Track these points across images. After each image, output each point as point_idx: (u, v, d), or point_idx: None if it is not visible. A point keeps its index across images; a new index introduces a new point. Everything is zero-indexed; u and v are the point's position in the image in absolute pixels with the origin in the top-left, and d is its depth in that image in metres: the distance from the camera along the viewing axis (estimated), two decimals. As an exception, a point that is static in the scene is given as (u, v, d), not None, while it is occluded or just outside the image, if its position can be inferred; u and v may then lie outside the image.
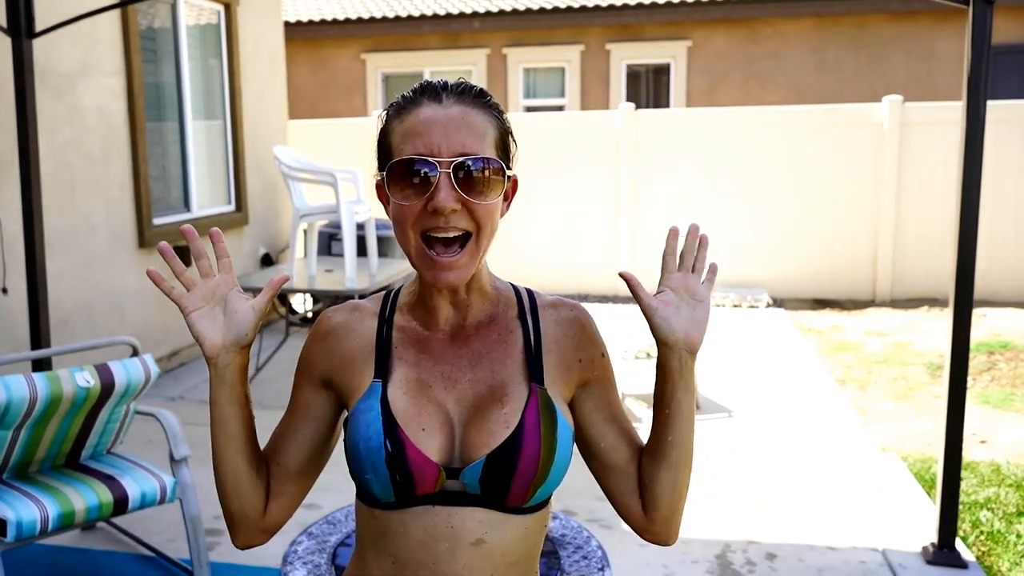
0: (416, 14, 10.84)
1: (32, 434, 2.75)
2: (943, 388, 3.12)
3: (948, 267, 3.13)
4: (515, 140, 1.14)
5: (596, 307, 7.51)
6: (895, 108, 7.48)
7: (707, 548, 3.23)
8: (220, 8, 6.50)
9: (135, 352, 3.14)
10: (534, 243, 8.12)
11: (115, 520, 3.36)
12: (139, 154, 5.45)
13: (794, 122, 7.74)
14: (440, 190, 1.03)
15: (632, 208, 8.00)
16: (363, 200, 5.79)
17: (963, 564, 3.07)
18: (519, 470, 1.05)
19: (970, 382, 4.86)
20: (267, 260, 7.18)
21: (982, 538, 3.41)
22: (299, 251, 6.13)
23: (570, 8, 10.51)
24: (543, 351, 1.14)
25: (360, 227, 5.89)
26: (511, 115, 1.23)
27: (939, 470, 3.11)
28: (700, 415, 4.66)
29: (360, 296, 1.26)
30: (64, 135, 4.88)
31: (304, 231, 6.01)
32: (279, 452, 1.18)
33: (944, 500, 3.11)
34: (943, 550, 3.10)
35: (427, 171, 1.03)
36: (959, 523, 3.33)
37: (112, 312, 5.28)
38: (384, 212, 1.11)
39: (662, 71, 10.87)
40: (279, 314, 6.71)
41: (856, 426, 4.61)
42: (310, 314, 7.11)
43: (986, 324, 6.68)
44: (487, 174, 1.05)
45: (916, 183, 7.56)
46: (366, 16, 10.96)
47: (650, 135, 7.92)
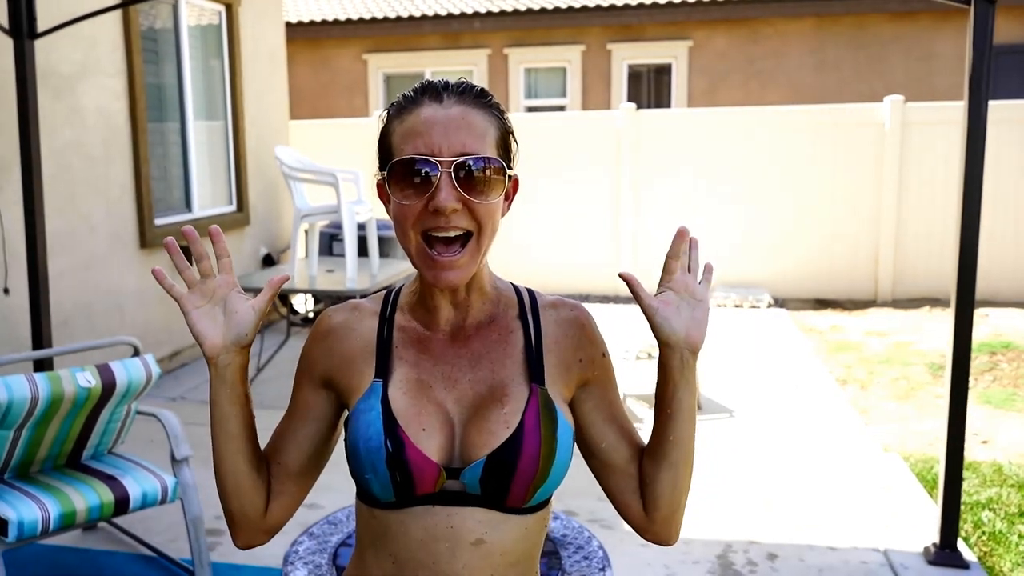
0: (417, 14, 10.84)
1: (33, 434, 2.75)
2: (945, 388, 3.12)
3: (949, 267, 3.13)
4: (516, 139, 1.14)
5: (597, 307, 7.51)
6: (896, 108, 7.47)
7: (708, 548, 3.23)
8: (221, 8, 6.50)
9: (136, 352, 3.14)
10: (535, 243, 8.12)
11: (116, 520, 3.36)
12: (140, 155, 5.46)
13: (795, 122, 7.74)
14: (441, 190, 1.03)
15: (633, 208, 7.99)
16: (364, 200, 5.79)
17: (965, 565, 3.06)
18: (519, 470, 1.05)
19: (972, 382, 4.85)
20: (268, 260, 7.18)
21: (984, 539, 3.40)
22: (300, 251, 6.13)
23: (571, 8, 10.51)
24: (543, 351, 1.14)
25: (361, 227, 5.89)
26: (512, 115, 1.22)
27: (941, 470, 3.11)
28: (701, 415, 4.66)
29: (361, 296, 1.26)
30: (65, 136, 4.88)
31: (305, 231, 6.02)
32: (279, 452, 1.18)
33: (946, 500, 3.10)
34: (945, 550, 3.10)
35: (428, 171, 1.03)
36: (961, 523, 3.32)
37: (113, 312, 5.29)
38: (385, 212, 1.11)
39: (663, 71, 10.87)
40: (280, 314, 6.71)
41: (857, 426, 4.61)
42: (311, 314, 7.11)
43: (988, 324, 6.67)
44: (488, 174, 1.05)
45: (917, 183, 7.56)
46: (367, 16, 10.96)
47: (651, 135, 7.92)
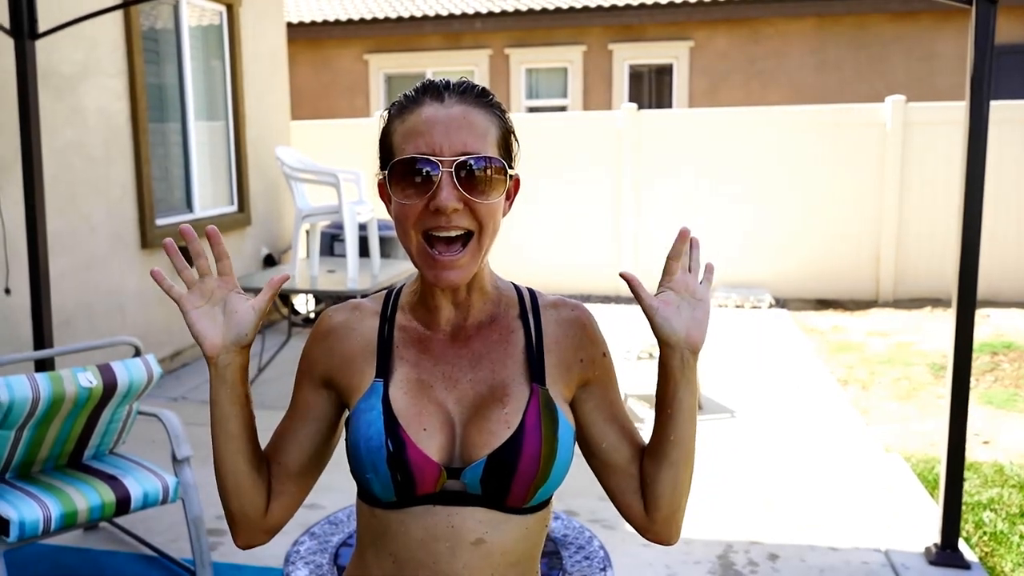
0: (418, 15, 10.85)
1: (35, 434, 2.75)
2: (946, 388, 3.11)
3: (951, 267, 3.13)
4: (517, 139, 1.14)
5: (598, 307, 7.51)
6: (898, 108, 7.47)
7: (709, 548, 3.23)
8: (222, 9, 6.51)
9: (137, 352, 3.14)
10: (536, 244, 8.11)
11: (117, 520, 3.36)
12: (141, 155, 5.46)
13: (796, 122, 7.73)
14: (442, 189, 1.03)
15: (634, 208, 7.99)
16: (365, 200, 5.79)
17: (966, 565, 3.06)
18: (520, 470, 1.05)
19: (973, 382, 4.84)
20: (269, 261, 7.18)
21: (985, 539, 3.40)
22: (301, 252, 6.13)
23: (572, 8, 10.51)
24: (544, 351, 1.14)
25: (362, 227, 5.89)
26: (513, 116, 1.22)
27: (942, 470, 3.11)
28: (702, 415, 4.66)
29: (362, 297, 1.25)
30: (66, 136, 4.89)
31: (306, 232, 6.02)
32: (280, 452, 1.18)
33: (947, 501, 3.10)
34: (946, 551, 3.10)
35: (429, 170, 1.03)
36: (962, 524, 3.32)
37: (114, 312, 5.29)
38: (386, 212, 1.11)
39: (664, 71, 10.87)
40: (281, 315, 6.71)
41: (859, 426, 4.61)
42: (312, 315, 7.11)
43: (989, 324, 6.66)
44: (489, 173, 1.05)
45: (919, 183, 7.55)
46: (368, 17, 10.97)
47: (652, 135, 7.92)
